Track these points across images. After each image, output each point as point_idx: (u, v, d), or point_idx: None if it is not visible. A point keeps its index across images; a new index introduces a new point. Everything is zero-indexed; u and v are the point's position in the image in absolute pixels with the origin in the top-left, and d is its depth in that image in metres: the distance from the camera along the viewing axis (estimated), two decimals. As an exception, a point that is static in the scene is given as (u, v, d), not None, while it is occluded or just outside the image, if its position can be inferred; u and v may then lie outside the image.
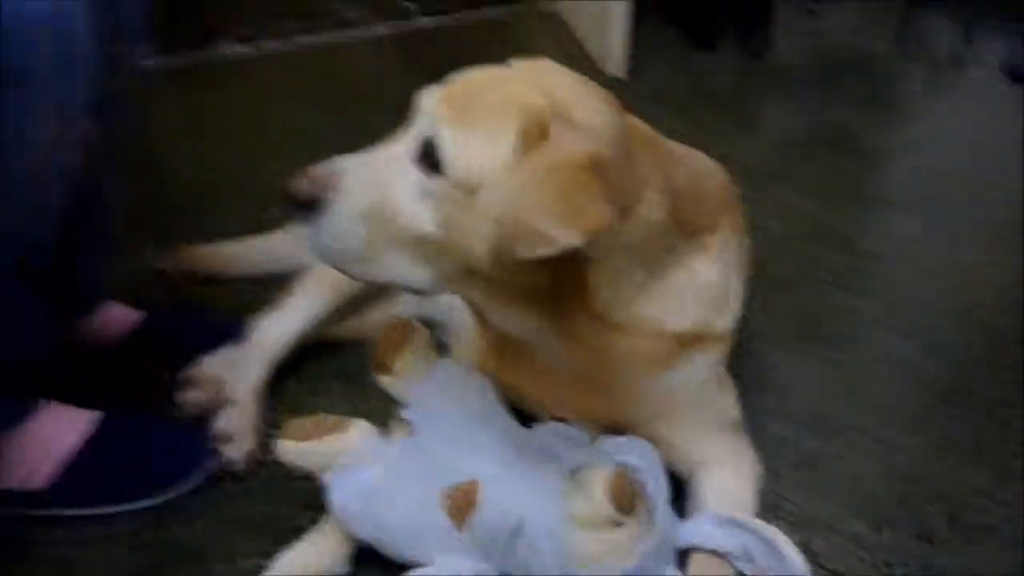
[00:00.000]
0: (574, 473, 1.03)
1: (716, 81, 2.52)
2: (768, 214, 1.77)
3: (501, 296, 0.98)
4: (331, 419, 1.08)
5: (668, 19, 2.65)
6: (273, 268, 1.62)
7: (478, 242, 0.88)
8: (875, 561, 1.11)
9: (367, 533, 1.05)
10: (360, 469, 1.05)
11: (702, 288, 1.04)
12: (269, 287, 1.54)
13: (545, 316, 1.00)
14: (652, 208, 0.97)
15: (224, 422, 1.24)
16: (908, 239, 1.78)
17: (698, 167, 1.09)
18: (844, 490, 1.20)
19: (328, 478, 1.05)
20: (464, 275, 0.95)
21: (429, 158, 0.91)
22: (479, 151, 0.89)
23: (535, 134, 0.87)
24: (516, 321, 1.01)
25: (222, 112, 2.26)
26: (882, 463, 1.25)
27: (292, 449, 1.05)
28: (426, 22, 2.88)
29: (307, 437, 1.05)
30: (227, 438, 1.23)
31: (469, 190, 0.89)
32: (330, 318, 1.40)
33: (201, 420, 1.27)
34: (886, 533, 1.14)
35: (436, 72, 0.97)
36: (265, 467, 1.24)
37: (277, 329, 1.35)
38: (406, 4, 3.00)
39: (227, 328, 1.39)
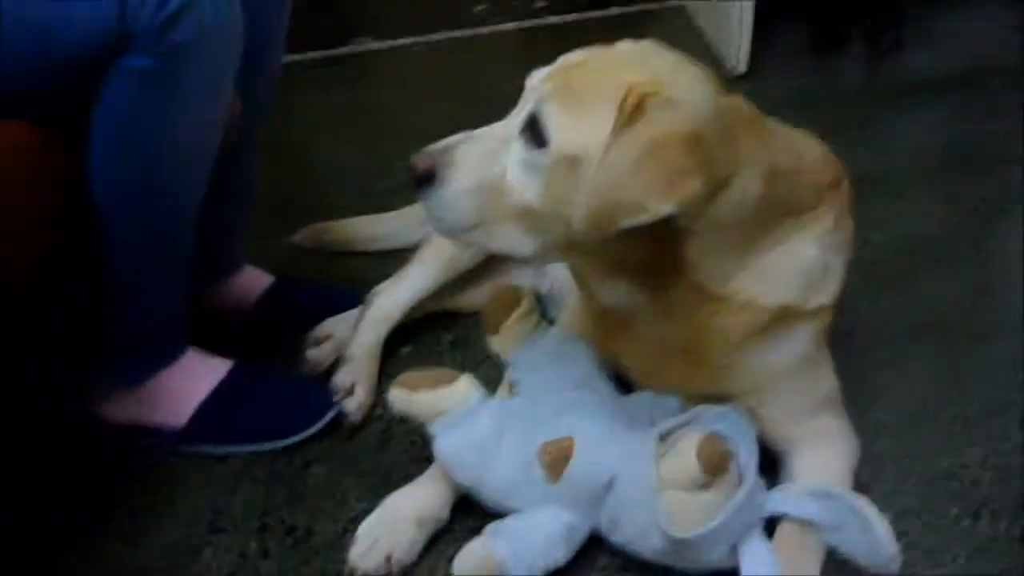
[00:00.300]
0: (666, 436, 1.07)
1: (842, 82, 2.48)
2: (893, 217, 1.74)
3: (602, 267, 1.05)
4: (441, 373, 1.15)
5: (795, 16, 2.62)
6: (394, 244, 1.73)
7: (579, 213, 0.94)
8: (969, 548, 1.10)
9: (468, 481, 1.11)
10: (466, 421, 1.11)
11: (799, 265, 1.06)
12: (391, 261, 1.65)
13: (644, 288, 1.05)
14: (749, 185, 1.00)
15: (343, 377, 1.34)
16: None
17: (803, 149, 1.11)
18: (944, 478, 1.19)
19: (435, 428, 1.13)
20: (566, 245, 1.01)
21: (535, 133, 0.98)
22: (581, 126, 0.95)
23: (633, 110, 0.92)
24: (615, 292, 1.06)
25: (357, 103, 2.40)
26: (987, 456, 1.23)
27: (403, 398, 1.13)
28: (554, 19, 2.94)
29: (418, 388, 1.13)
30: (345, 391, 1.32)
31: (571, 163, 0.95)
32: (444, 289, 1.48)
33: (323, 375, 1.37)
34: (984, 521, 1.13)
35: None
36: (379, 421, 1.33)
37: (394, 296, 1.43)
38: (539, 5, 3.08)
39: (349, 295, 1.50)
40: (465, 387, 1.14)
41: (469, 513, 1.15)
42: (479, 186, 1.01)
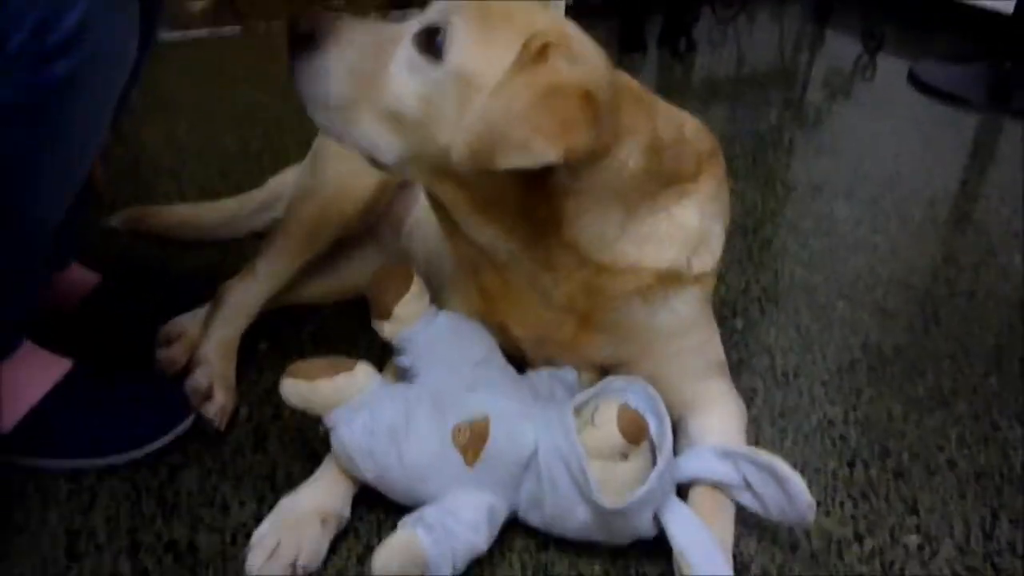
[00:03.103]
0: (579, 409, 1.06)
1: (646, 79, 2.62)
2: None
3: (469, 200, 1.01)
4: (337, 360, 1.07)
5: (603, 19, 2.76)
6: (223, 234, 1.63)
7: (456, 135, 0.92)
8: (852, 494, 1.17)
9: (374, 471, 1.04)
10: (368, 408, 1.04)
11: (680, 230, 1.08)
12: (227, 252, 1.54)
13: (516, 235, 1.03)
14: (629, 157, 1.01)
15: (198, 379, 1.21)
16: (839, 220, 1.90)
17: (683, 121, 1.13)
18: (816, 435, 1.27)
19: (334, 417, 1.04)
20: (432, 164, 0.98)
21: (430, 43, 0.95)
22: (483, 50, 0.94)
23: (537, 52, 0.92)
24: (483, 232, 1.03)
25: (155, 89, 2.25)
26: (847, 411, 1.32)
27: (301, 388, 1.04)
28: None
29: (316, 376, 1.04)
30: (202, 395, 1.20)
31: (462, 84, 0.93)
32: (297, 281, 1.39)
33: (177, 378, 1.23)
34: (858, 469, 1.21)
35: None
36: (249, 421, 1.23)
37: (246, 290, 1.32)
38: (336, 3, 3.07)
39: (191, 288, 1.37)
40: (365, 374, 1.07)
41: (371, 508, 1.08)
42: (357, 67, 0.97)
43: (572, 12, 2.41)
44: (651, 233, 1.06)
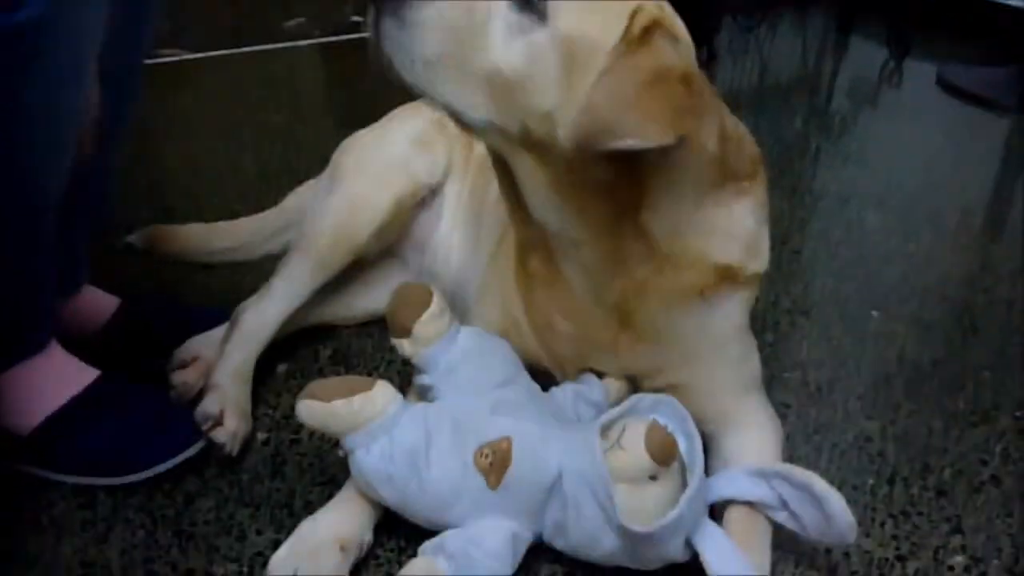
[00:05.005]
0: (606, 429, 1.02)
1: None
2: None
3: (550, 177, 0.97)
4: (355, 380, 1.04)
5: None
6: (241, 255, 1.61)
7: (561, 108, 0.90)
8: (893, 512, 1.12)
9: (394, 497, 1.00)
10: (387, 431, 1.01)
11: (740, 227, 1.05)
12: (245, 272, 1.52)
13: (589, 219, 0.99)
14: (711, 138, 0.98)
15: (208, 405, 1.18)
16: (870, 230, 1.85)
17: (737, 122, 1.10)
18: (853, 451, 1.22)
19: (352, 442, 1.01)
20: (520, 132, 0.94)
21: (531, 5, 0.91)
22: (589, 16, 0.90)
23: (642, 32, 0.89)
24: (554, 213, 1.00)
25: (176, 109, 2.27)
26: (885, 427, 1.27)
27: (317, 409, 1.00)
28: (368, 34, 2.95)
29: (334, 397, 1.00)
30: (213, 421, 1.17)
31: (568, 49, 0.90)
32: (315, 302, 1.37)
33: (192, 403, 1.21)
34: (899, 487, 1.16)
35: (378, 79, 0.96)
36: (267, 446, 1.20)
37: (262, 313, 1.30)
38: (354, 19, 3.08)
39: (208, 314, 1.35)
40: (383, 394, 1.03)
41: (392, 533, 1.04)
42: (451, 23, 0.91)
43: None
44: (716, 227, 1.04)
